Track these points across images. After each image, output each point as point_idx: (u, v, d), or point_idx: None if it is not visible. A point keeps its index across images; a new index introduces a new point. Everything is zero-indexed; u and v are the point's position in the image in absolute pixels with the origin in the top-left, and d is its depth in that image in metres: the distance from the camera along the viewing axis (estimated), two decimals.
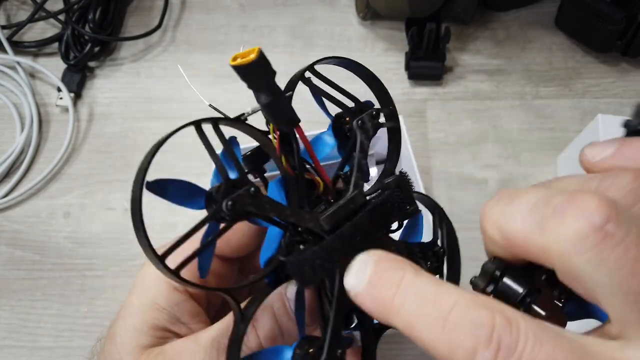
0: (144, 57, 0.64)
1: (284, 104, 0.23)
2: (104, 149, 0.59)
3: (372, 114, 0.26)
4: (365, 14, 0.64)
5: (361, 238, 0.23)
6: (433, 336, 0.18)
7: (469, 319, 0.17)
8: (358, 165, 0.25)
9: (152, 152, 0.21)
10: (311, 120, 0.29)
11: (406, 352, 0.50)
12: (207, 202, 0.22)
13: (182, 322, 0.28)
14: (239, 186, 0.21)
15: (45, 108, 0.62)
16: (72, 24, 0.61)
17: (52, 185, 0.58)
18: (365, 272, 0.21)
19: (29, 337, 0.51)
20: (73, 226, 0.56)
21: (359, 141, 0.25)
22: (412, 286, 0.19)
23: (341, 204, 0.24)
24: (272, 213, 0.22)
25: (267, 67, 0.21)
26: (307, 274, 0.22)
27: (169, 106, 0.61)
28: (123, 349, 0.27)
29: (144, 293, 0.28)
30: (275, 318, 0.26)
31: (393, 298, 0.19)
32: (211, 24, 0.66)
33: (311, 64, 0.25)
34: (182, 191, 0.21)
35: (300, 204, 0.24)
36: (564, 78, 0.61)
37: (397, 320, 0.19)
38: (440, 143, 0.58)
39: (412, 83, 0.61)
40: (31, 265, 0.54)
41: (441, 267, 0.28)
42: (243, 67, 0.21)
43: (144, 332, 0.27)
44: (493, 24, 0.65)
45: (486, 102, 0.60)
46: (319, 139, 0.27)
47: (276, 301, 0.25)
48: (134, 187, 0.20)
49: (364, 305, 0.20)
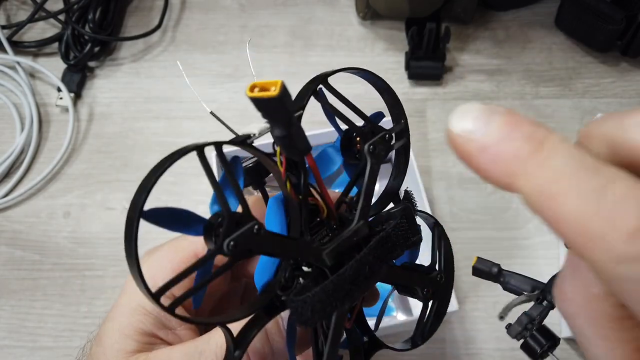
0: (144, 57, 0.64)
1: (299, 136, 0.21)
2: (104, 149, 0.59)
3: (384, 137, 0.24)
4: (365, 14, 0.64)
5: (365, 276, 0.22)
6: (585, 207, 0.14)
7: (635, 195, 0.14)
8: (365, 194, 0.24)
9: (151, 181, 0.19)
10: (310, 121, 0.28)
11: (406, 352, 0.50)
12: (206, 232, 0.20)
13: (169, 328, 0.28)
14: (242, 222, 0.20)
15: (45, 108, 0.62)
16: (72, 24, 0.61)
17: (52, 185, 0.58)
18: (492, 118, 0.16)
19: (29, 337, 0.51)
20: (73, 226, 0.56)
21: (369, 168, 0.24)
22: (561, 146, 0.15)
23: (345, 237, 0.23)
24: (275, 252, 0.22)
25: (289, 103, 0.19)
26: (306, 316, 0.21)
27: (169, 106, 0.61)
28: (109, 353, 0.27)
29: (132, 296, 0.27)
30: (267, 337, 0.25)
31: (534, 153, 0.15)
32: (211, 24, 0.66)
33: (324, 76, 0.23)
34: (179, 220, 0.21)
35: (302, 231, 0.23)
36: (564, 78, 0.61)
37: (530, 182, 0.15)
38: (440, 143, 0.58)
39: (412, 83, 0.61)
40: (31, 265, 0.54)
41: (437, 293, 0.28)
42: (263, 101, 0.19)
43: (130, 336, 0.27)
44: (493, 24, 0.65)
45: (486, 102, 0.60)
46: (325, 155, 0.25)
47: (270, 321, 0.24)
48: (130, 217, 0.19)
49: (479, 159, 0.16)
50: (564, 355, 0.49)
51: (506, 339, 0.50)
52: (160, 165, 0.19)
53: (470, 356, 0.49)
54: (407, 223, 0.24)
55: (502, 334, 0.51)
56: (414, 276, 0.26)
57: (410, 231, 0.25)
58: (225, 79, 0.62)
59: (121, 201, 0.56)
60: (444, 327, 0.50)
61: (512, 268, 0.53)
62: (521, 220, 0.54)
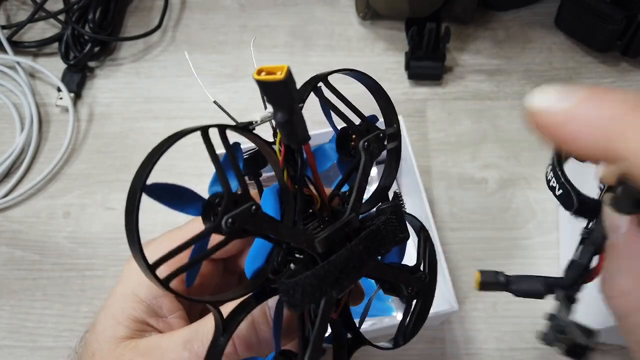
0: (144, 57, 0.64)
1: (300, 123, 0.22)
2: (104, 149, 0.59)
3: (379, 135, 0.25)
4: (365, 14, 0.64)
5: (354, 265, 0.23)
6: None
7: None
8: (358, 188, 0.25)
9: (157, 154, 0.20)
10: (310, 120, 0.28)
11: (406, 352, 0.50)
12: (205, 210, 0.21)
13: (160, 316, 0.28)
14: (241, 201, 0.21)
15: (45, 108, 0.62)
16: (72, 24, 0.61)
17: (52, 185, 0.58)
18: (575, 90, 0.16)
19: (29, 337, 0.51)
20: (73, 226, 0.56)
21: (363, 163, 0.25)
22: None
23: (337, 227, 0.24)
24: (270, 232, 0.22)
25: (293, 88, 0.20)
26: (296, 299, 0.22)
27: (169, 106, 0.61)
28: (102, 339, 0.27)
29: (127, 284, 0.28)
30: (254, 325, 0.25)
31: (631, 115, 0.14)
32: (211, 24, 0.66)
33: (325, 75, 0.24)
34: (180, 197, 0.21)
35: (295, 220, 0.24)
36: (564, 78, 0.61)
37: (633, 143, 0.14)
38: (440, 143, 0.58)
39: (412, 83, 0.61)
40: (31, 265, 0.54)
41: (421, 293, 0.28)
42: (269, 84, 0.20)
43: (122, 322, 0.27)
44: (493, 24, 0.65)
45: (486, 102, 0.60)
46: (321, 151, 0.26)
47: (257, 308, 0.25)
48: (132, 190, 0.19)
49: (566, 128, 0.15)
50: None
51: (506, 338, 0.50)
52: (167, 141, 0.20)
53: (470, 356, 0.49)
54: (397, 220, 0.25)
55: (502, 334, 0.51)
56: (400, 273, 0.27)
57: (399, 228, 0.25)
58: (225, 79, 0.62)
59: (121, 201, 0.56)
60: (444, 327, 0.50)
61: (511, 268, 0.53)
62: (521, 220, 0.54)
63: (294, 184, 0.24)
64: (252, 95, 0.61)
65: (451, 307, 0.42)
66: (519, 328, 0.50)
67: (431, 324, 0.50)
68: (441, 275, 0.43)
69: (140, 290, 0.28)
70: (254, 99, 0.60)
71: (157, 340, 0.26)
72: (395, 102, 0.28)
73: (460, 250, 0.53)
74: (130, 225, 0.19)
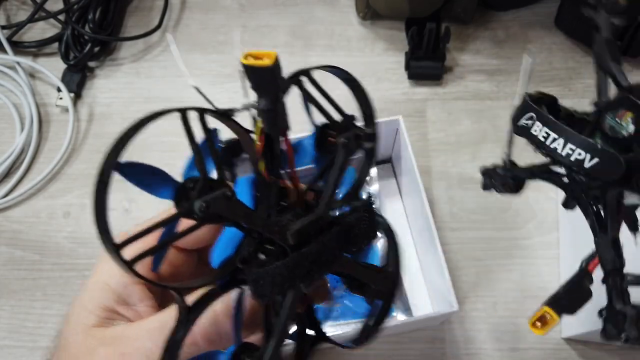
0: (144, 57, 0.64)
1: (282, 113, 0.22)
2: (104, 149, 0.59)
3: (357, 134, 0.25)
4: (365, 14, 0.64)
5: (325, 259, 0.23)
6: None
7: None
8: (333, 184, 0.25)
9: (131, 133, 0.19)
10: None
11: (406, 352, 0.50)
12: (178, 194, 0.20)
13: (129, 304, 0.28)
14: (216, 187, 0.21)
15: (45, 108, 0.62)
16: (72, 24, 0.61)
17: (52, 185, 0.58)
18: None
19: (29, 337, 0.51)
20: (73, 226, 0.56)
21: (340, 160, 0.25)
22: None
23: (310, 220, 0.23)
24: (243, 220, 0.22)
25: (280, 76, 0.20)
26: (265, 288, 0.22)
27: (169, 106, 0.61)
28: (72, 327, 0.27)
29: (99, 275, 0.28)
30: (215, 318, 0.25)
31: None
32: (211, 24, 0.66)
33: (306, 70, 0.24)
34: (152, 177, 0.21)
35: (269, 211, 0.24)
36: (564, 78, 0.61)
37: None
38: (440, 143, 0.58)
39: (412, 83, 0.61)
40: (31, 265, 0.54)
41: (386, 293, 0.28)
42: (255, 69, 0.20)
43: (92, 311, 0.27)
44: (493, 24, 0.65)
45: (486, 102, 0.60)
46: (300, 145, 0.26)
47: (219, 301, 0.24)
48: (102, 166, 0.19)
49: None
50: (563, 355, 0.49)
51: (506, 339, 0.50)
52: (145, 119, 0.20)
53: (470, 356, 0.49)
54: (369, 218, 0.25)
55: (502, 334, 0.51)
56: (369, 272, 0.27)
57: (370, 226, 0.26)
58: (225, 79, 0.62)
59: (121, 201, 0.56)
60: (444, 327, 0.50)
61: (511, 268, 0.54)
62: (521, 220, 0.54)
63: (270, 175, 0.24)
64: (252, 95, 0.61)
65: (451, 307, 0.42)
66: (519, 328, 0.50)
67: (431, 324, 0.50)
68: (441, 275, 0.43)
69: (112, 279, 0.28)
70: (253, 99, 0.60)
71: (123, 329, 0.26)
72: (395, 102, 0.28)
73: (460, 250, 0.53)
74: (98, 204, 0.18)
